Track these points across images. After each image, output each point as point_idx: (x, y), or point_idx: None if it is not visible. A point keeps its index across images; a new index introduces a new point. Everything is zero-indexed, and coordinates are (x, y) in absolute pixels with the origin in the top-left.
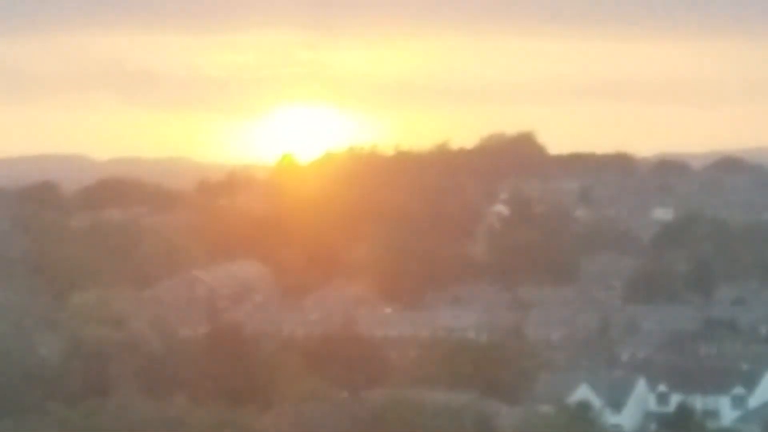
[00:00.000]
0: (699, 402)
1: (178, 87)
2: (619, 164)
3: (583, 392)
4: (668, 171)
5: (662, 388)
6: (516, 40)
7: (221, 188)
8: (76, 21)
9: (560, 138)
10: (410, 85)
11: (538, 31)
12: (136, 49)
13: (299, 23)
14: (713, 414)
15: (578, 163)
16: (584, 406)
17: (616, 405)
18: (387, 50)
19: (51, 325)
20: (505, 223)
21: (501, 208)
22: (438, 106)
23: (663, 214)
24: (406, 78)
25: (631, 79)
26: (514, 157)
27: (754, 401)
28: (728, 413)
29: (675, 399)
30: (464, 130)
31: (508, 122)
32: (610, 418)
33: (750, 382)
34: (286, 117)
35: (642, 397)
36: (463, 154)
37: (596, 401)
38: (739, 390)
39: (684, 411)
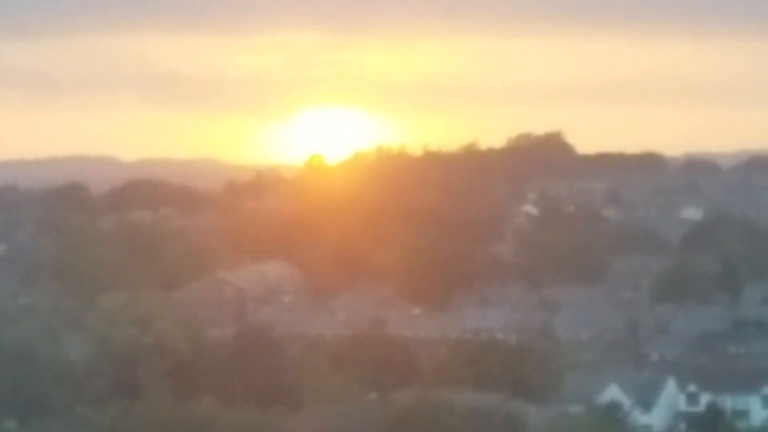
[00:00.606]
0: (729, 402)
1: (206, 88)
2: (648, 164)
3: (612, 392)
4: (697, 170)
5: (692, 388)
6: (543, 41)
7: (249, 189)
8: (104, 23)
9: (588, 138)
10: (438, 86)
11: (566, 31)
12: (163, 50)
13: (325, 25)
14: (743, 414)
15: (606, 163)
16: (614, 407)
17: (646, 405)
18: (414, 51)
19: (79, 327)
20: (533, 223)
21: (529, 209)
22: (466, 107)
23: (692, 213)
24: (434, 78)
25: (660, 79)
26: (542, 157)
27: None
28: (759, 413)
29: (705, 399)
30: (492, 131)
31: (536, 122)
32: (640, 419)
33: None
34: (313, 118)
35: (672, 397)
36: (491, 154)
37: (626, 401)
38: None
39: (714, 411)
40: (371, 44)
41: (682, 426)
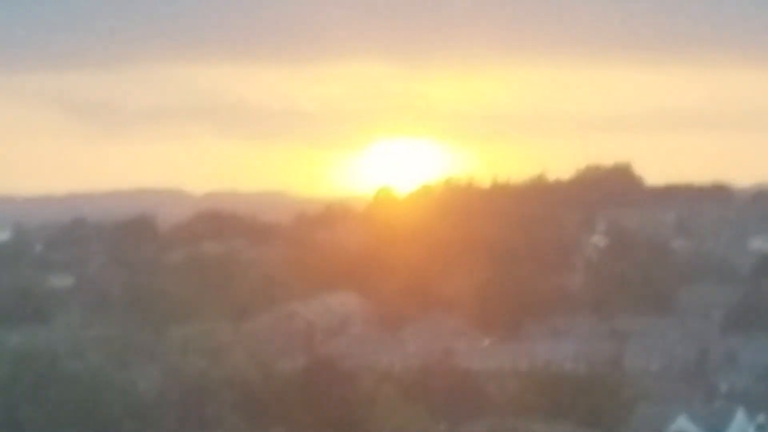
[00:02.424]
0: None
1: (274, 119)
2: (717, 194)
3: (681, 423)
4: (767, 201)
5: (762, 418)
6: (611, 70)
7: (319, 221)
8: (173, 54)
9: (657, 168)
10: (506, 117)
11: (634, 61)
12: (230, 81)
13: (393, 56)
14: None
15: (675, 194)
16: None
17: None
18: (481, 81)
19: (149, 358)
20: (602, 254)
21: (598, 239)
22: (534, 138)
23: (761, 244)
24: (502, 109)
25: (728, 108)
26: (611, 188)
27: None
28: None
29: None
30: (561, 162)
31: (604, 153)
32: None
33: None
34: (381, 149)
35: (741, 428)
36: (559, 185)
37: None
38: None
39: None
40: (439, 75)
41: None
